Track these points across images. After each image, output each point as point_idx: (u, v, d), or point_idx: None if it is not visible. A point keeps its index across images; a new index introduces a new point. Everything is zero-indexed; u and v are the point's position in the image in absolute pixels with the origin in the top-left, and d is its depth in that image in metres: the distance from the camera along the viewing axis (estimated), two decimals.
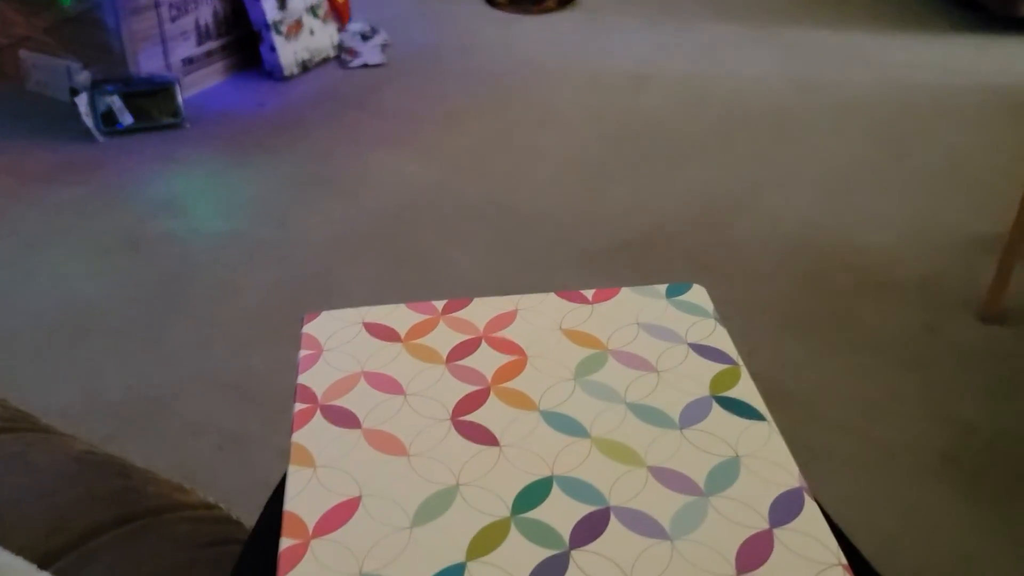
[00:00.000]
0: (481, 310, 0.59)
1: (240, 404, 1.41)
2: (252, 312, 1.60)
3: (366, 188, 1.98)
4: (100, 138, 2.14)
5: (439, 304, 0.60)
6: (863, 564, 0.48)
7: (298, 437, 0.49)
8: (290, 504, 0.45)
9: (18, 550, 0.50)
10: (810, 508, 0.45)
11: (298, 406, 0.51)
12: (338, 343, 0.56)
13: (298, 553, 0.42)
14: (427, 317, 0.58)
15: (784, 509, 0.45)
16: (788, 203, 1.94)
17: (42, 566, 0.50)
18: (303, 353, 0.55)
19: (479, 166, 2.07)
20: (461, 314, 0.58)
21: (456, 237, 1.81)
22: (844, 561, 0.42)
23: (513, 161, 2.09)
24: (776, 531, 0.44)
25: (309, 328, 0.58)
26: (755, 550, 0.43)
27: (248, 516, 0.73)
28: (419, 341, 0.56)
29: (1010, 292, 1.64)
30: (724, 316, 1.50)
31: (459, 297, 0.59)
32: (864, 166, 2.08)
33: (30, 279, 1.68)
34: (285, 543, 0.43)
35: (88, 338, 1.53)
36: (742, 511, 0.45)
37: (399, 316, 0.58)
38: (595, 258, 1.75)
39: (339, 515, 0.44)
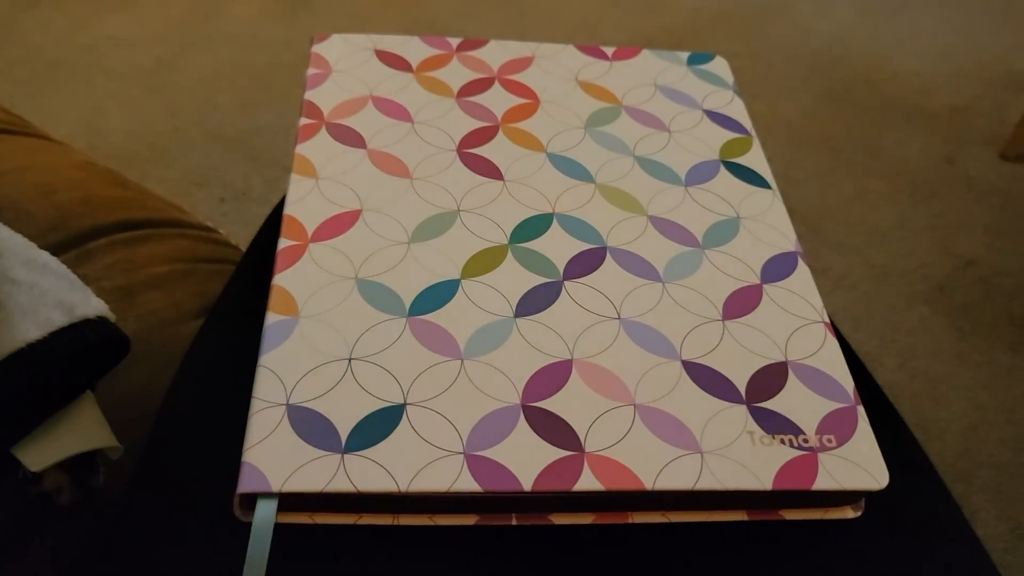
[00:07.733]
0: (497, 52, 0.57)
1: (244, 160, 1.40)
2: (263, 68, 1.56)
3: None
4: None
5: (454, 41, 0.57)
6: (864, 374, 0.49)
7: (302, 149, 0.48)
8: (290, 209, 0.45)
9: None
10: (802, 270, 0.45)
11: (303, 120, 0.50)
12: (348, 66, 0.54)
13: (296, 253, 0.43)
14: (441, 52, 0.56)
15: (777, 269, 0.45)
16: (824, 15, 1.84)
17: None
18: (311, 71, 0.53)
19: None
20: (476, 53, 0.56)
21: (473, 15, 1.73)
22: (827, 319, 0.43)
23: None
24: (766, 286, 0.44)
25: (319, 48, 0.55)
26: (743, 301, 0.43)
27: None
28: (431, 73, 0.54)
29: None
30: None
31: None
32: None
33: (32, 8, 1.62)
34: (283, 243, 0.43)
35: (92, 77, 1.50)
36: (735, 265, 0.45)
37: (412, 47, 0.56)
38: None
39: (338, 224, 0.44)
